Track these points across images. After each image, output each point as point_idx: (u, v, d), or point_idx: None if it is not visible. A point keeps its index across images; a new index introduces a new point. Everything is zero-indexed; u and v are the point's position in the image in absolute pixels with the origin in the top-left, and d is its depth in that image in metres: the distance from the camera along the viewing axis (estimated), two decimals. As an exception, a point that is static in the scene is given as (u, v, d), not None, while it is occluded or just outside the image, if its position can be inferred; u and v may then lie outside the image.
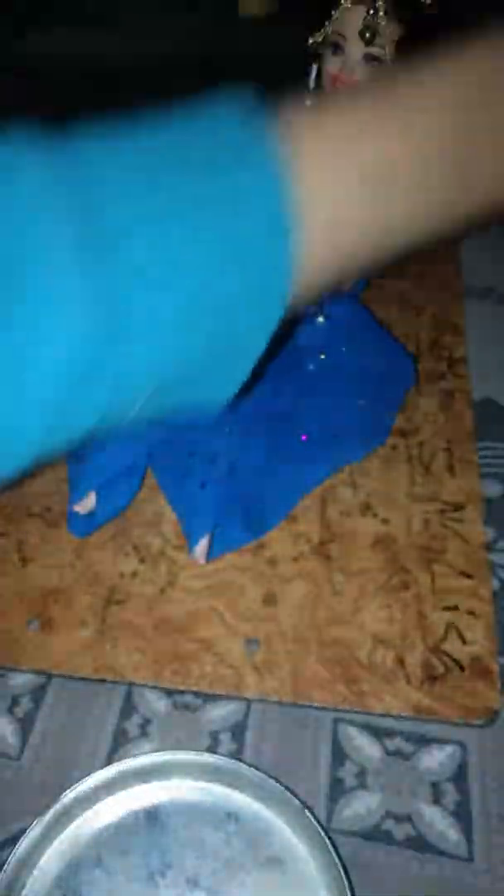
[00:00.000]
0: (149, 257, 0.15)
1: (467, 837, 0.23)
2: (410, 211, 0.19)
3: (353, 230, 0.18)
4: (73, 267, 0.14)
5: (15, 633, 0.27)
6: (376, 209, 0.18)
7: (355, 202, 0.17)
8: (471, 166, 0.19)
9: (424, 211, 0.19)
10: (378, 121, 0.18)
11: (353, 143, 0.17)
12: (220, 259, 0.15)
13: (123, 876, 0.22)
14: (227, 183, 0.16)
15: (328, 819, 0.23)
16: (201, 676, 0.26)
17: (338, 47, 0.29)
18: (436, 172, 0.19)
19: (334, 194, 0.17)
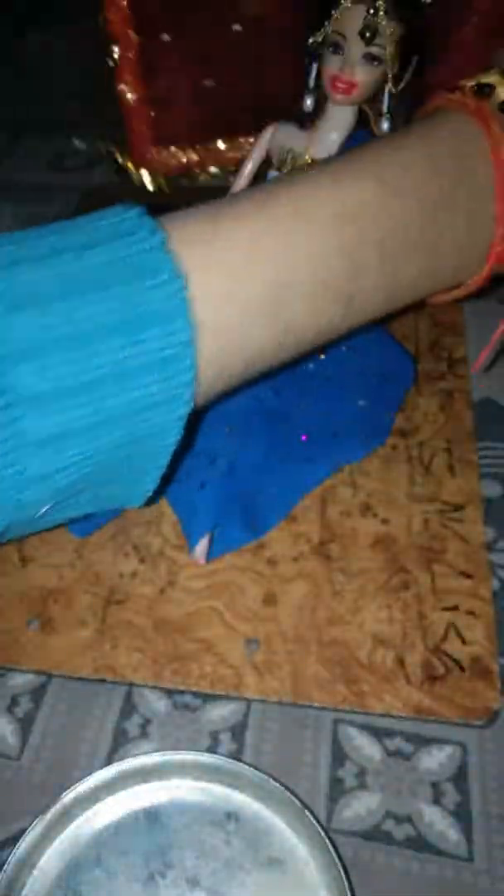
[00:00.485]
0: (44, 377, 0.15)
1: (467, 838, 0.23)
2: (303, 322, 0.19)
3: (249, 342, 0.18)
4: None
5: (15, 633, 0.27)
6: (268, 323, 0.18)
7: (249, 315, 0.18)
8: (358, 276, 0.20)
9: (316, 319, 0.19)
10: (268, 238, 0.18)
11: (246, 262, 0.18)
12: (117, 377, 0.16)
13: (123, 876, 0.22)
14: (123, 303, 0.16)
15: (328, 819, 0.24)
16: (201, 676, 0.26)
17: (337, 47, 0.29)
18: (326, 284, 0.19)
19: (229, 311, 0.18)
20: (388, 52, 0.29)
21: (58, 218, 0.18)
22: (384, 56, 0.29)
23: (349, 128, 0.32)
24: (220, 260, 0.17)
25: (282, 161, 0.33)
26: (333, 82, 0.30)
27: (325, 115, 0.32)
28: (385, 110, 0.31)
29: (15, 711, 0.26)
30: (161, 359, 0.16)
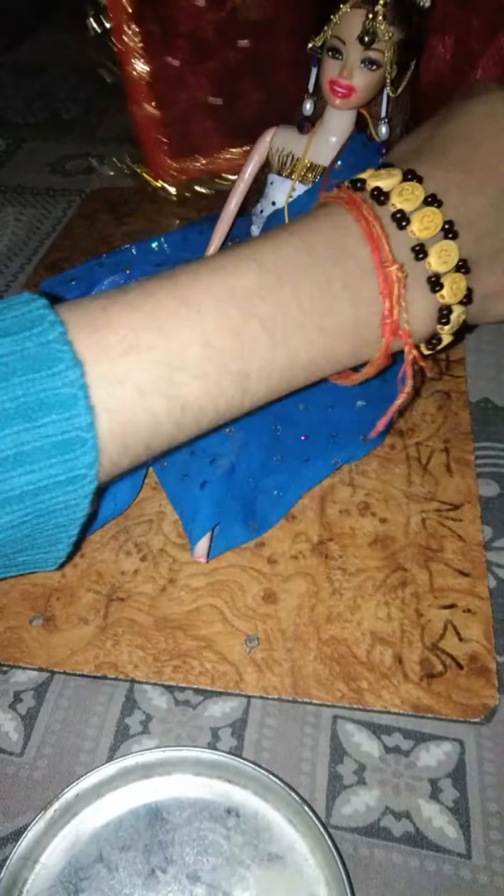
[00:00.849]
0: None
1: (465, 834, 0.23)
2: (198, 404, 0.20)
3: (147, 422, 0.19)
4: None
5: (18, 631, 0.27)
6: (165, 403, 0.19)
7: (144, 399, 0.19)
8: (249, 356, 0.21)
9: (210, 401, 0.21)
10: (160, 320, 0.19)
11: (137, 348, 0.19)
12: (17, 460, 0.17)
13: (125, 871, 0.22)
14: (20, 391, 0.17)
15: (327, 815, 0.24)
16: (202, 673, 0.26)
17: (337, 51, 0.29)
18: (218, 366, 0.20)
19: (124, 395, 0.19)
20: (386, 56, 0.29)
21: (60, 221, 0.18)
22: (383, 61, 0.29)
23: (348, 132, 0.32)
24: (114, 346, 0.19)
25: (281, 165, 0.34)
26: (332, 87, 0.30)
27: (324, 119, 0.32)
28: (383, 114, 0.32)
29: (18, 708, 0.26)
30: (63, 441, 0.17)
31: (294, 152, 0.33)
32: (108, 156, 0.57)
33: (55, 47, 0.76)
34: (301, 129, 0.33)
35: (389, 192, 0.22)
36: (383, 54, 0.29)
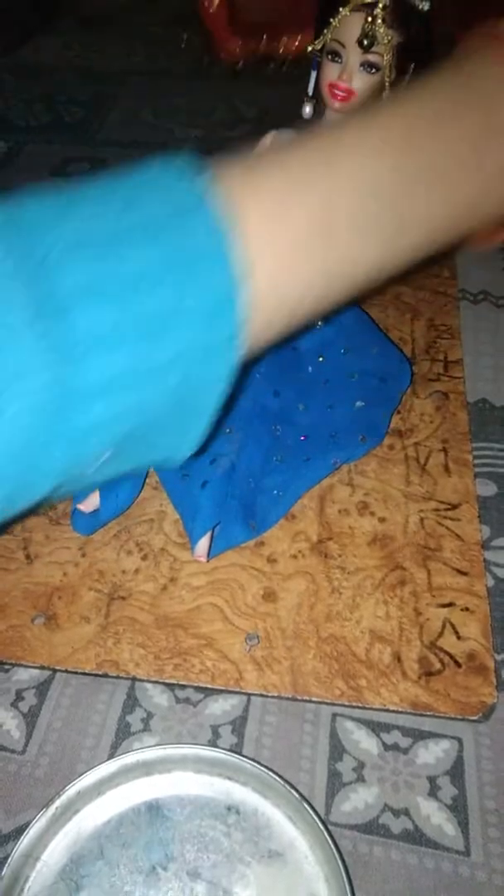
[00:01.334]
0: (100, 320, 0.15)
1: (463, 831, 0.23)
2: (352, 256, 0.19)
3: (299, 282, 0.19)
4: (27, 332, 0.14)
5: (20, 629, 0.27)
6: (317, 260, 0.19)
7: (298, 255, 0.18)
8: (406, 207, 0.20)
9: (365, 254, 0.20)
10: (310, 173, 0.19)
11: (291, 199, 0.18)
12: (171, 320, 0.16)
13: (126, 868, 0.22)
14: (174, 248, 0.16)
15: (327, 812, 0.24)
16: (202, 671, 0.26)
17: (336, 55, 0.30)
18: (373, 216, 0.19)
19: (277, 250, 0.18)
20: (385, 60, 0.29)
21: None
22: (382, 64, 0.29)
23: (347, 134, 0.33)
24: (269, 193, 0.18)
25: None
26: (331, 90, 0.30)
27: (324, 122, 0.33)
28: (382, 117, 0.32)
29: (20, 706, 0.26)
30: (218, 298, 0.16)
31: (294, 155, 0.33)
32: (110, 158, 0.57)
33: (56, 50, 0.76)
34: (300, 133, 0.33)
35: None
36: (382, 57, 0.29)
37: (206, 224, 0.16)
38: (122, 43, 0.76)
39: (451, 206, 0.21)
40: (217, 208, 0.17)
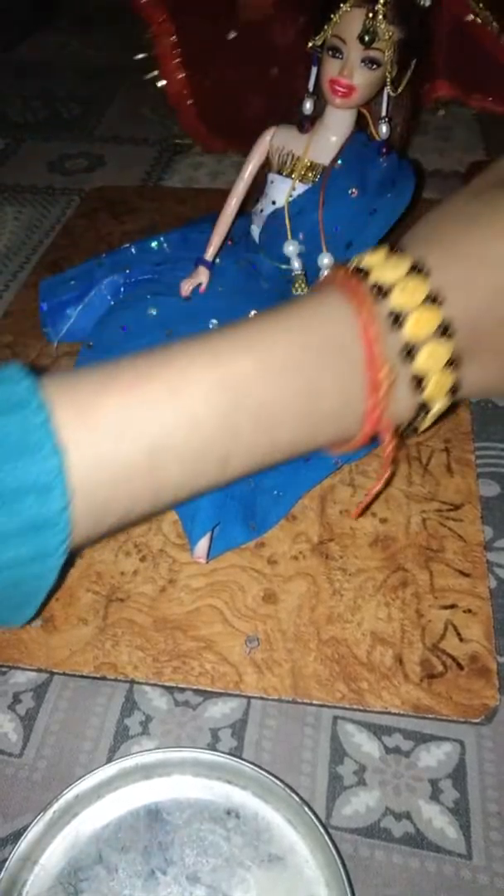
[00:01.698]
0: None
1: (465, 834, 0.23)
2: (174, 482, 0.21)
3: (123, 502, 0.20)
4: None
5: (17, 631, 0.27)
6: (140, 485, 0.20)
7: (121, 483, 0.19)
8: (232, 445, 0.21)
9: (188, 483, 0.21)
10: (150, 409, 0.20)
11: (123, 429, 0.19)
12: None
13: (124, 872, 0.22)
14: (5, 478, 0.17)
15: (328, 816, 0.24)
16: (202, 674, 0.26)
17: (337, 51, 0.29)
18: (196, 450, 0.20)
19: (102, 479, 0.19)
20: (386, 55, 0.29)
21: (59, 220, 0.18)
22: (383, 60, 0.29)
23: (348, 131, 0.32)
24: (100, 432, 0.19)
25: (281, 164, 0.33)
26: (332, 86, 0.30)
27: (325, 118, 0.32)
28: (383, 114, 0.32)
29: (17, 709, 0.26)
30: (37, 524, 0.18)
31: (294, 151, 0.33)
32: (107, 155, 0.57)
33: (55, 47, 0.76)
34: (301, 129, 0.33)
35: (392, 288, 0.22)
36: (383, 53, 0.29)
37: (39, 455, 0.18)
38: (120, 40, 0.75)
39: (278, 442, 0.22)
40: (51, 440, 0.18)
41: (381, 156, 0.32)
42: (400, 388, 0.22)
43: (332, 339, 0.22)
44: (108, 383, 0.20)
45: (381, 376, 0.21)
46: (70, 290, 0.38)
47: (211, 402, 0.20)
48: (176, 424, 0.20)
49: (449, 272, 0.22)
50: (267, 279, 0.35)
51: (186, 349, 0.21)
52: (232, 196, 0.34)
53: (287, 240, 0.33)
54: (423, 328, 0.22)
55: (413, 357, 0.22)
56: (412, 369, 0.22)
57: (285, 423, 0.22)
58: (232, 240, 0.36)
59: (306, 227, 0.33)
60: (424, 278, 0.22)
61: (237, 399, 0.21)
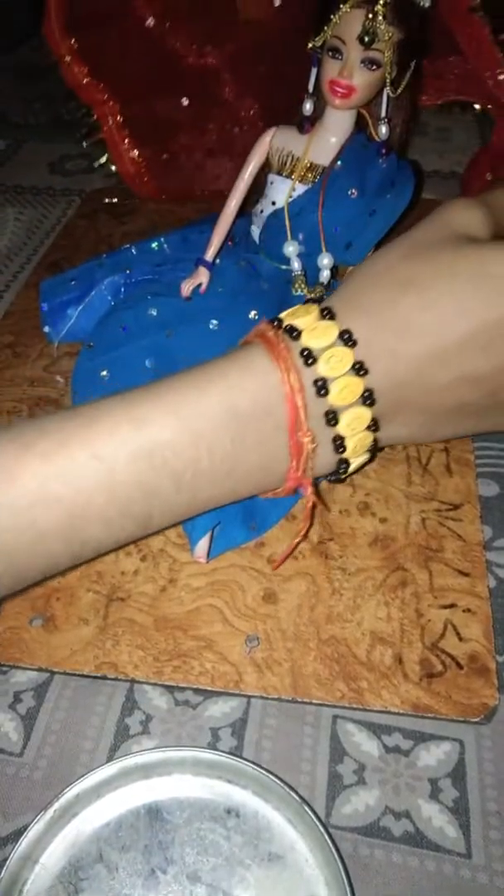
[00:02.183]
0: None
1: (465, 833, 0.23)
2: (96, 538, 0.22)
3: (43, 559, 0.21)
4: None
5: (18, 631, 0.27)
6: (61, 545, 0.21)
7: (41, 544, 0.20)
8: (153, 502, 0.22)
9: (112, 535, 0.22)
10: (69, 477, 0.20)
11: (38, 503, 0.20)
12: None
13: (125, 871, 0.22)
14: None
15: (327, 815, 0.24)
16: (202, 673, 0.26)
17: (336, 51, 0.29)
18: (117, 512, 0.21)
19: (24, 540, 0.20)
20: (386, 56, 0.29)
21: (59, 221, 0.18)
22: (383, 60, 0.29)
23: (348, 132, 0.32)
24: (22, 495, 0.20)
25: (281, 164, 0.34)
26: (332, 86, 0.30)
27: (324, 119, 0.32)
28: (383, 114, 0.32)
29: (18, 708, 0.26)
30: None
31: (294, 152, 0.33)
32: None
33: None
34: (301, 129, 0.33)
35: (320, 355, 0.22)
36: (383, 54, 0.29)
37: None
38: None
39: (199, 500, 0.23)
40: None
41: (380, 157, 0.33)
42: (322, 447, 0.23)
43: (257, 403, 0.22)
44: (32, 446, 0.20)
45: (304, 441, 0.22)
46: (70, 290, 0.38)
47: (133, 466, 0.21)
48: (97, 489, 0.20)
49: (376, 342, 0.22)
50: (267, 280, 0.35)
51: (111, 410, 0.21)
52: (232, 197, 0.34)
53: (287, 240, 0.33)
54: (346, 396, 0.22)
55: (336, 421, 0.22)
56: (334, 431, 0.23)
57: (207, 483, 0.22)
58: (232, 240, 0.37)
59: (306, 228, 0.33)
60: (351, 348, 0.22)
61: (160, 463, 0.21)
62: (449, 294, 0.22)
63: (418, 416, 0.24)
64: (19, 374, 0.38)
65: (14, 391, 0.37)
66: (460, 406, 0.24)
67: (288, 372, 0.22)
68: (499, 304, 0.22)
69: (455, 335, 0.22)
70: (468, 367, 0.22)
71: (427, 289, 0.22)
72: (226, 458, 0.22)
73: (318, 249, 0.33)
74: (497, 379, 0.23)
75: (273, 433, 0.22)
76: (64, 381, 0.37)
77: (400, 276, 0.23)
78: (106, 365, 0.33)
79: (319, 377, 0.22)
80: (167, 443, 0.21)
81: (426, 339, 0.22)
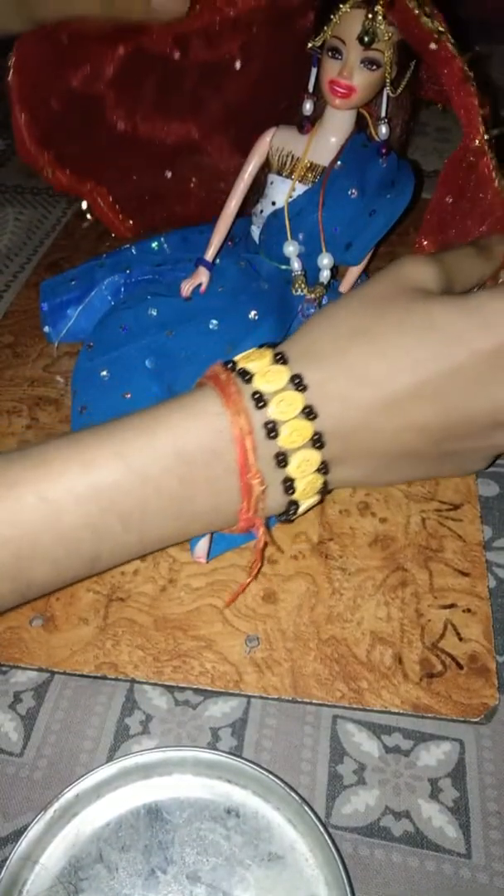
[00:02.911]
0: None
1: (465, 833, 0.23)
2: (43, 577, 0.22)
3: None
4: None
5: (18, 631, 0.27)
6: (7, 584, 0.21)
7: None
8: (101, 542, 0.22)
9: (59, 574, 0.22)
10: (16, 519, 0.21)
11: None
12: None
13: (125, 871, 0.22)
14: None
15: (327, 815, 0.24)
16: (202, 673, 0.26)
17: (336, 51, 0.29)
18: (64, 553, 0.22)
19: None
20: (386, 56, 0.29)
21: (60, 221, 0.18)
22: (382, 60, 0.29)
23: (348, 132, 0.32)
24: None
25: (281, 164, 0.34)
26: (332, 86, 0.30)
27: (324, 119, 0.32)
28: (383, 114, 0.32)
29: (17, 708, 0.26)
30: None
31: (294, 152, 0.33)
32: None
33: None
34: (301, 129, 0.33)
35: (270, 398, 0.22)
36: (383, 54, 0.29)
37: None
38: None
39: (149, 539, 0.23)
40: None
41: (380, 156, 0.33)
42: (272, 488, 0.23)
43: (205, 446, 0.22)
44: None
45: (253, 482, 0.22)
46: (71, 290, 0.38)
47: (81, 508, 0.21)
48: (45, 530, 0.21)
49: (327, 387, 0.23)
50: (267, 280, 0.35)
51: (61, 453, 0.22)
52: (232, 197, 0.34)
53: (287, 240, 0.33)
54: (296, 439, 0.23)
55: (286, 464, 0.23)
56: (284, 473, 0.23)
57: (156, 523, 0.23)
58: (232, 240, 0.37)
59: (306, 228, 0.33)
60: (302, 392, 0.23)
61: (107, 504, 0.21)
62: (399, 345, 0.23)
63: (367, 461, 0.25)
64: (19, 374, 0.38)
65: (14, 391, 0.37)
66: (407, 453, 0.24)
67: (238, 415, 0.22)
68: (446, 356, 0.22)
69: (404, 385, 0.23)
70: (416, 416, 0.23)
71: (378, 339, 0.23)
72: (174, 499, 0.22)
73: (318, 249, 0.33)
74: (442, 429, 0.23)
75: (223, 475, 0.23)
76: (64, 381, 0.37)
77: (353, 326, 0.24)
78: (106, 365, 0.33)
79: (270, 420, 0.22)
80: (115, 485, 0.21)
81: (376, 387, 0.23)
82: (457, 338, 0.22)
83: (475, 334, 0.22)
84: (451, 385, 0.22)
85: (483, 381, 0.22)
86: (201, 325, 0.33)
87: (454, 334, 0.22)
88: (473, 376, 0.22)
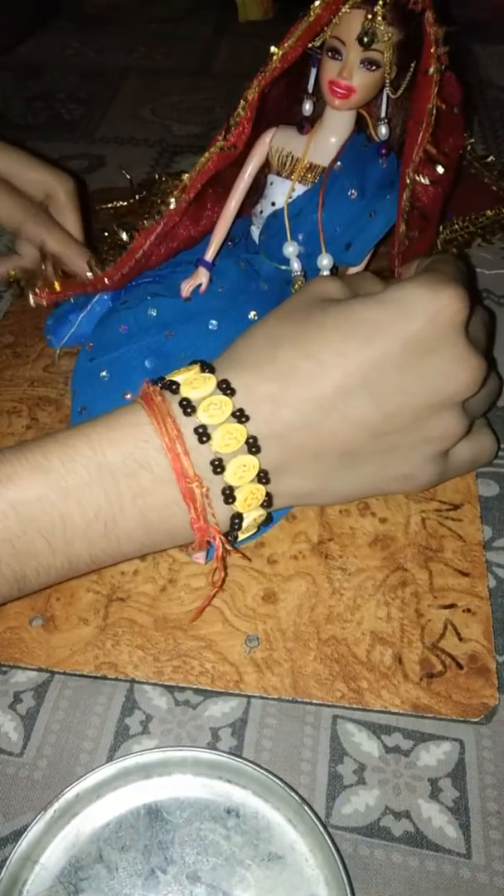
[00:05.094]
0: None
1: (465, 833, 0.23)
2: None
3: None
4: None
5: (18, 631, 0.27)
6: None
7: None
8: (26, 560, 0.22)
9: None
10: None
11: None
12: None
13: (125, 871, 0.22)
14: None
15: (327, 815, 0.24)
16: (202, 673, 0.26)
17: (336, 52, 0.29)
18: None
19: None
20: (386, 57, 0.29)
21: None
22: (382, 61, 0.29)
23: (348, 132, 0.32)
24: None
25: (281, 165, 0.34)
26: (332, 87, 0.30)
27: (324, 119, 0.32)
28: (383, 115, 0.32)
29: (18, 708, 0.26)
30: None
31: (294, 153, 0.33)
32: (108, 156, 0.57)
33: (55, 48, 0.76)
34: (301, 130, 0.33)
35: (198, 404, 0.23)
36: (383, 55, 0.29)
37: None
38: (120, 41, 0.76)
39: (75, 560, 0.23)
40: None
41: (380, 157, 0.33)
42: (214, 498, 0.23)
43: (128, 456, 0.22)
44: None
45: (193, 487, 0.22)
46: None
47: (1, 525, 0.21)
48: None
49: (255, 391, 0.23)
50: (266, 280, 0.35)
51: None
52: (231, 197, 0.34)
53: (287, 241, 0.33)
54: (229, 443, 0.23)
55: (222, 469, 0.23)
56: (223, 481, 0.23)
57: (85, 541, 0.22)
58: (232, 241, 0.37)
59: (306, 229, 0.33)
60: (230, 396, 0.23)
61: (27, 520, 0.21)
62: (323, 343, 0.23)
63: (310, 466, 0.25)
64: (19, 374, 0.38)
65: (14, 391, 0.37)
66: (348, 452, 0.24)
67: (163, 422, 0.22)
68: (370, 347, 0.23)
69: (333, 379, 0.23)
70: (350, 411, 0.23)
71: (302, 342, 0.24)
72: (100, 514, 0.22)
73: (318, 250, 0.33)
74: (380, 421, 0.24)
75: (153, 486, 0.22)
76: (64, 382, 0.37)
77: (275, 336, 0.24)
78: (106, 365, 0.33)
79: (200, 424, 0.23)
80: (35, 501, 0.21)
81: (306, 385, 0.23)
82: (377, 328, 0.23)
83: (395, 323, 0.23)
84: (379, 374, 0.23)
85: (410, 366, 0.23)
86: (201, 326, 0.33)
87: (375, 325, 0.23)
88: (400, 363, 0.23)
